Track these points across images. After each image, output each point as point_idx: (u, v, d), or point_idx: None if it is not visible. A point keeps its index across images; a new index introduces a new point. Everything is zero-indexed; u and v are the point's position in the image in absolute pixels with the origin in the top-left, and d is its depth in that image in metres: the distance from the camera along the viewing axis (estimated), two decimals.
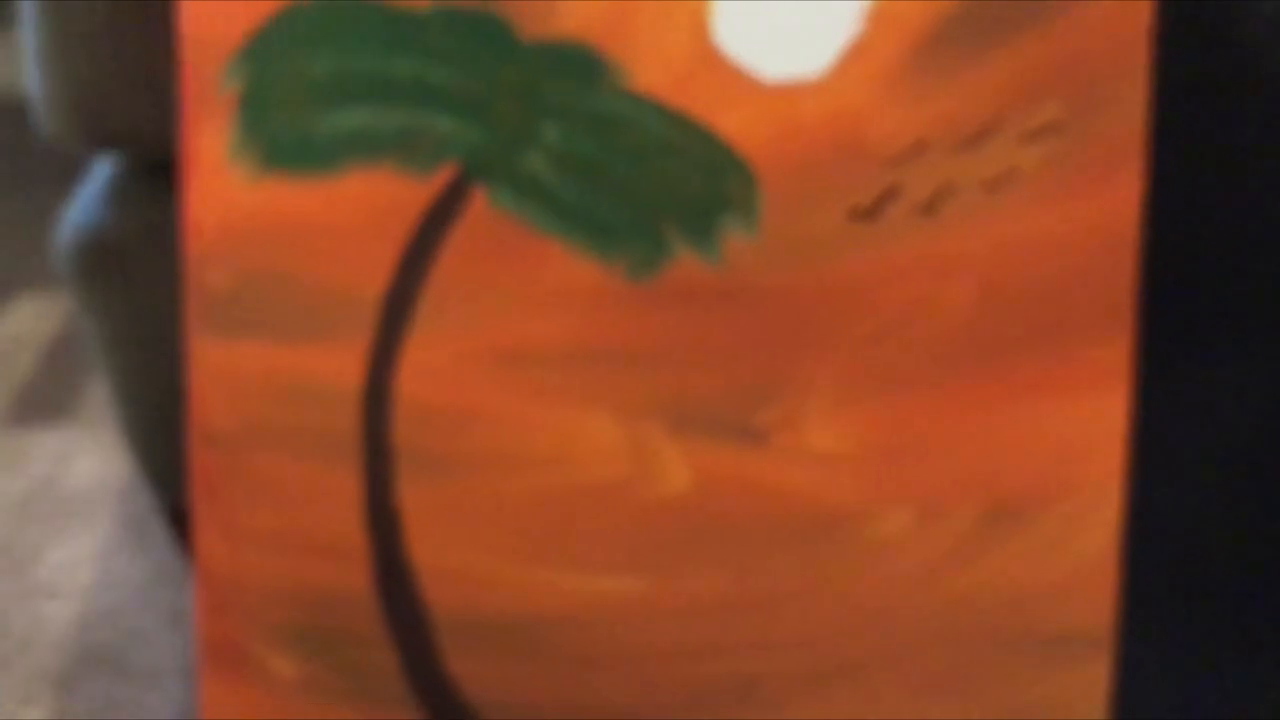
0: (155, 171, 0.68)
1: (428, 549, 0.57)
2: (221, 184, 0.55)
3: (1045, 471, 0.55)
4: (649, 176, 0.54)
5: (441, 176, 0.54)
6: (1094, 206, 0.54)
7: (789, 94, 0.53)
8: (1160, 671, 0.57)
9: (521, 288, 0.55)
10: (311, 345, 0.55)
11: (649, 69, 0.53)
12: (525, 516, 0.57)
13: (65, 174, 0.74)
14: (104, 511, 0.97)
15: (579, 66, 0.53)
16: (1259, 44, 0.53)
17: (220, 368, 0.56)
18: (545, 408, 0.56)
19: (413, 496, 0.56)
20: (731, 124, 0.53)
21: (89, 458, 1.01)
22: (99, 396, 1.06)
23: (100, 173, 0.69)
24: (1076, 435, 0.55)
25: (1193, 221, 0.54)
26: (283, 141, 0.54)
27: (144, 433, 0.73)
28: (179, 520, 0.81)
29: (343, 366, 0.55)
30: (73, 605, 0.91)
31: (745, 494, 0.56)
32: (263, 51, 0.54)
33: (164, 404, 0.73)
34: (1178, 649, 0.57)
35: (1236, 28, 0.53)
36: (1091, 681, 0.56)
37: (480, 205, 0.54)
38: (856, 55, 0.53)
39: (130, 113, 0.63)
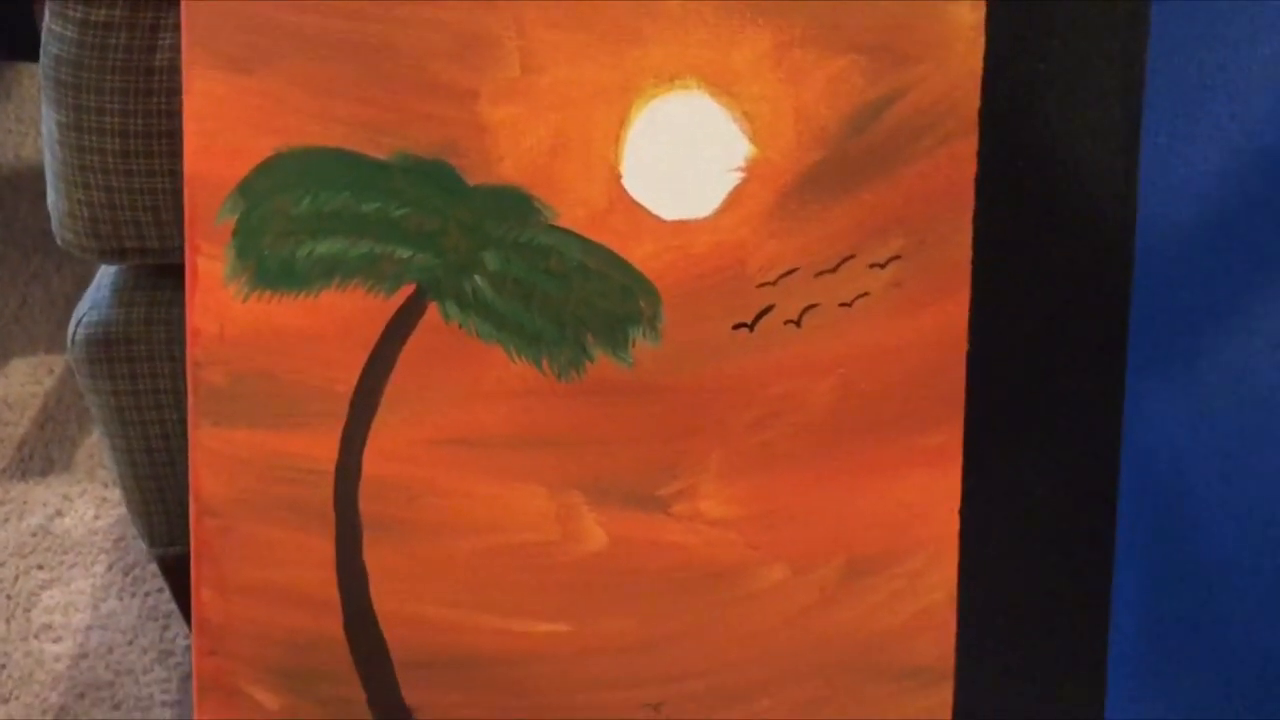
0: (154, 275, 0.78)
1: (389, 600, 0.65)
2: (218, 299, 0.63)
3: (893, 534, 0.65)
4: (572, 296, 0.63)
5: (401, 295, 0.63)
6: (930, 320, 0.64)
7: (684, 230, 0.63)
8: (994, 697, 0.67)
9: (467, 385, 0.64)
10: (293, 432, 0.64)
11: (572, 209, 0.62)
12: (470, 573, 0.65)
13: (54, 244, 0.79)
14: (97, 557, 1.03)
15: (515, 206, 0.63)
16: (1068, 193, 0.64)
17: (217, 451, 0.64)
18: (487, 483, 0.64)
19: (376, 557, 0.65)
20: (639, 253, 0.63)
21: (82, 508, 1.06)
22: (90, 451, 1.12)
23: (106, 275, 0.79)
24: (918, 504, 0.65)
25: (1009, 333, 0.65)
26: (269, 266, 0.63)
27: (140, 497, 0.82)
28: (167, 569, 0.90)
29: (319, 449, 0.64)
30: (69, 644, 0.97)
31: (651, 553, 0.65)
32: (253, 190, 0.63)
33: (159, 472, 0.82)
34: (1008, 678, 0.67)
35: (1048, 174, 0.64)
36: (937, 706, 0.66)
37: (433, 318, 0.63)
38: (738, 200, 0.63)
39: (136, 231, 0.72)
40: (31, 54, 1.33)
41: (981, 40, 0.62)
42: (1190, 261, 0.65)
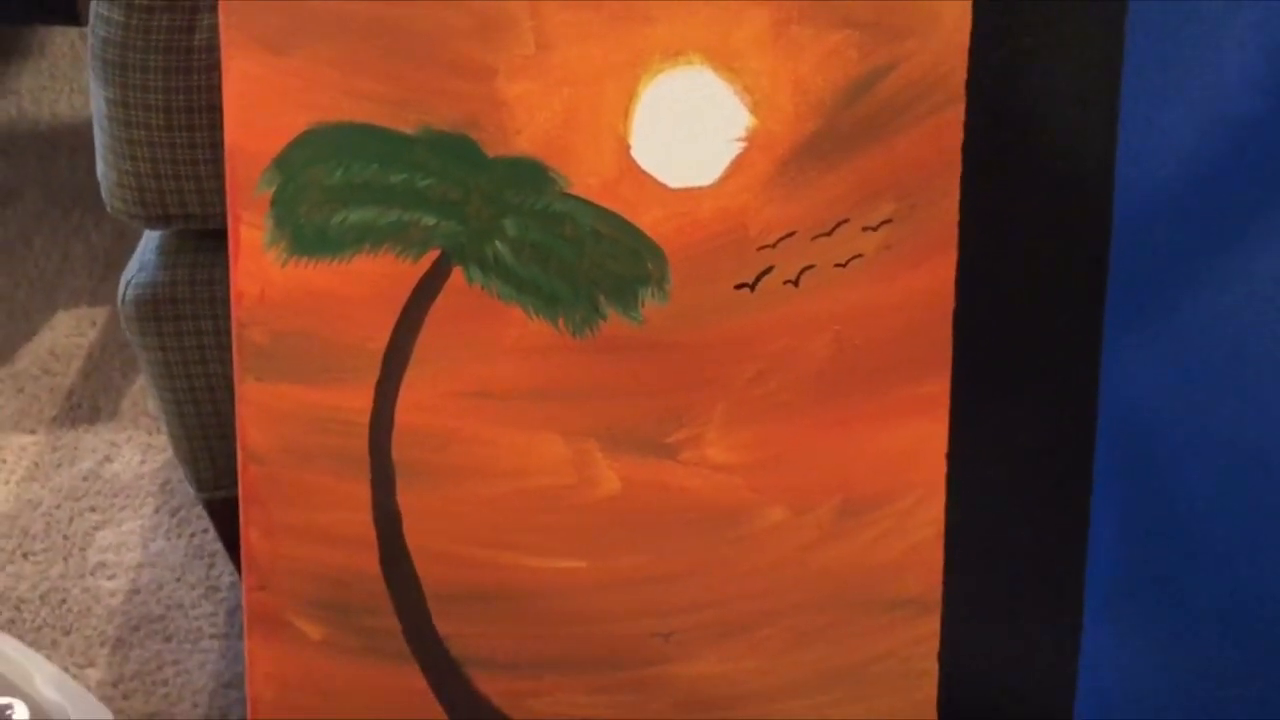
0: (196, 239, 0.83)
1: (421, 539, 0.69)
2: (259, 264, 0.67)
3: (885, 477, 0.69)
4: (586, 259, 0.67)
5: (427, 259, 0.67)
6: (919, 279, 0.67)
7: (690, 197, 0.66)
8: (977, 627, 0.71)
9: (489, 342, 0.68)
10: (330, 386, 0.68)
11: (585, 178, 0.66)
12: (495, 514, 0.69)
13: (95, 198, 0.82)
14: (145, 500, 1.07)
15: (532, 176, 0.66)
16: (1052, 156, 0.68)
17: (261, 404, 0.68)
18: (509, 432, 0.69)
19: (409, 499, 0.69)
20: (647, 219, 0.67)
21: (129, 454, 1.10)
22: (133, 400, 1.16)
23: (151, 239, 0.84)
24: (908, 449, 0.69)
25: (994, 291, 0.69)
26: (305, 233, 0.67)
27: (188, 445, 0.87)
28: (213, 512, 0.96)
29: (354, 402, 0.68)
30: (122, 580, 1.01)
31: (661, 496, 0.69)
32: (289, 163, 0.67)
33: (204, 423, 0.88)
34: (991, 611, 0.72)
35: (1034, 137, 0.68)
36: (925, 636, 0.71)
37: (457, 281, 0.67)
38: (739, 168, 0.66)
39: (179, 199, 0.77)
40: (64, 18, 1.38)
41: (969, 15, 0.65)
42: (1166, 222, 0.68)
